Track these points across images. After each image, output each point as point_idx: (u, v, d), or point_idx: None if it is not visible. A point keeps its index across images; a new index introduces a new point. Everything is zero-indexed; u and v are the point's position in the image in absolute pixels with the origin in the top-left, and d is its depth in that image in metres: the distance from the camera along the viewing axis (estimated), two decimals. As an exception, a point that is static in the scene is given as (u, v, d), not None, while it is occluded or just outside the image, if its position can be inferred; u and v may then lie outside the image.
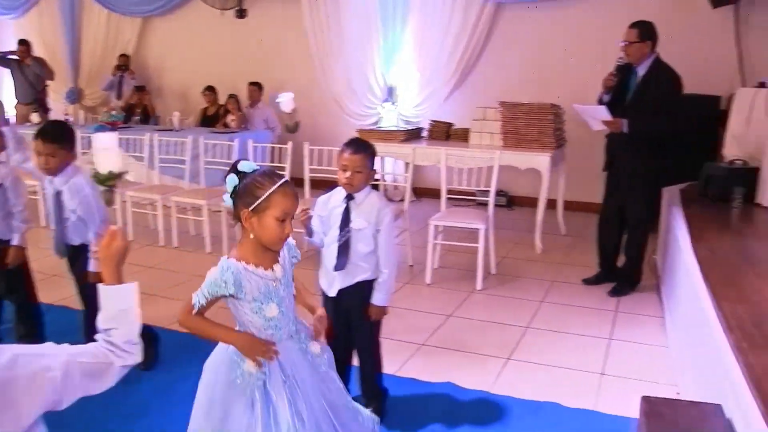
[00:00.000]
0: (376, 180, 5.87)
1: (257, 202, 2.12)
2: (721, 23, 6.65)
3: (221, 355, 2.29)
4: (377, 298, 3.03)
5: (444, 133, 6.85)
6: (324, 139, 6.59)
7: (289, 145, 5.90)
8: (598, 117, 4.76)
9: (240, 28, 9.00)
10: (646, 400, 2.54)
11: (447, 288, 5.06)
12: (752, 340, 2.54)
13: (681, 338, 3.73)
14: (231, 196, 2.18)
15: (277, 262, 2.25)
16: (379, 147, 5.63)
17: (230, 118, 8.36)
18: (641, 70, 4.69)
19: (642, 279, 5.00)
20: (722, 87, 6.32)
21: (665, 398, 2.75)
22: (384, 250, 3.00)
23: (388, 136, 6.75)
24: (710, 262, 3.52)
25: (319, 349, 2.38)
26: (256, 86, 8.52)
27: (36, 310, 3.91)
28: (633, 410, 2.62)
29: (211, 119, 8.72)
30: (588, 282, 5.10)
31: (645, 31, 4.63)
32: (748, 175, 4.89)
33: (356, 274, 3.00)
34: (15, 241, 3.67)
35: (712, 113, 6.20)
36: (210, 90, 8.83)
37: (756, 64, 6.36)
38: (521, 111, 6.18)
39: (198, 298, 2.18)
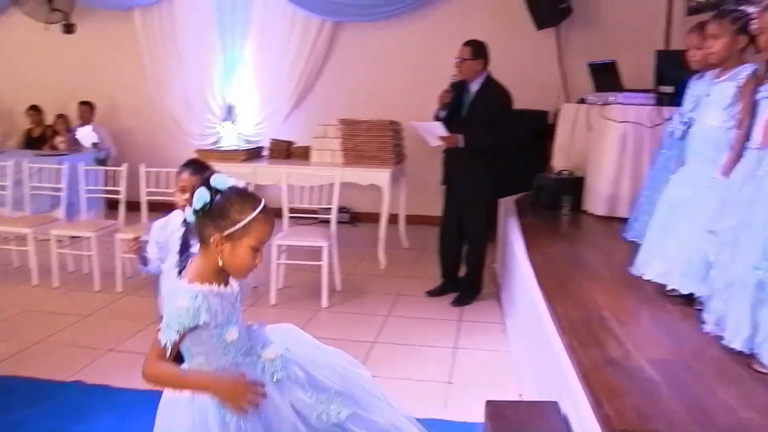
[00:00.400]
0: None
1: (234, 228, 1.89)
2: (545, 44, 7.10)
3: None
4: None
5: (285, 151, 6.79)
6: (161, 160, 6.31)
7: (124, 168, 5.60)
8: (435, 133, 4.89)
9: (68, 44, 8.43)
10: (490, 404, 2.60)
11: (293, 307, 4.98)
12: (582, 338, 2.67)
13: (521, 342, 3.87)
14: (197, 214, 1.92)
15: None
16: (219, 167, 5.49)
17: (58, 140, 7.83)
18: (474, 87, 4.87)
19: (483, 287, 5.15)
20: (549, 103, 6.74)
21: (508, 401, 2.83)
22: (227, 273, 2.88)
23: (228, 155, 6.59)
24: (543, 267, 3.69)
25: (273, 352, 2.09)
26: (87, 106, 8.00)
27: None
28: (480, 415, 2.67)
29: (37, 141, 8.11)
30: (431, 294, 5.19)
31: (477, 50, 4.83)
32: (574, 184, 5.21)
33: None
34: None
35: (540, 127, 6.58)
36: (34, 110, 8.20)
37: (577, 82, 6.82)
38: (361, 128, 6.25)
39: (167, 337, 1.87)
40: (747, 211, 2.60)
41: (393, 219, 6.37)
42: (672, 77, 4.89)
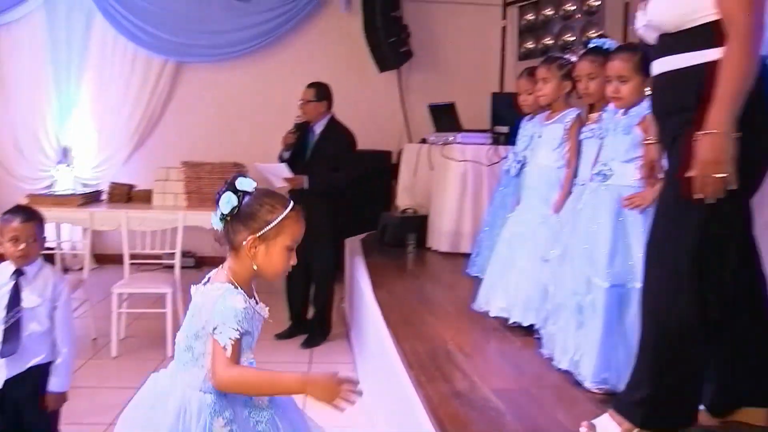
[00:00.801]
0: (50, 249, 5.36)
1: (267, 228, 1.81)
2: (388, 86, 7.31)
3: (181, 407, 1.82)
4: (56, 384, 2.67)
5: (125, 195, 6.47)
6: (-15, 206, 5.84)
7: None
8: (280, 175, 4.87)
9: None
10: (340, 446, 2.57)
11: (136, 358, 4.71)
12: (429, 373, 2.71)
13: (371, 380, 3.87)
14: (224, 219, 1.82)
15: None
16: (54, 213, 5.22)
17: None
18: (318, 129, 4.92)
19: (332, 328, 5.13)
20: (392, 143, 6.91)
21: (359, 441, 2.82)
22: (62, 328, 2.68)
23: (64, 200, 6.19)
24: (389, 305, 3.74)
25: (264, 401, 1.92)
26: None
27: None
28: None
29: None
30: (280, 337, 5.10)
31: (321, 92, 4.88)
32: (418, 222, 5.35)
33: (28, 359, 2.62)
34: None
35: (384, 167, 6.71)
36: None
37: (418, 122, 7.06)
38: (204, 170, 6.09)
39: (227, 336, 1.73)
40: (570, 241, 2.80)
41: (240, 262, 6.22)
42: (507, 118, 5.20)
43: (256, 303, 1.89)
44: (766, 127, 1.96)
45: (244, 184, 1.85)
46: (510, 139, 4.80)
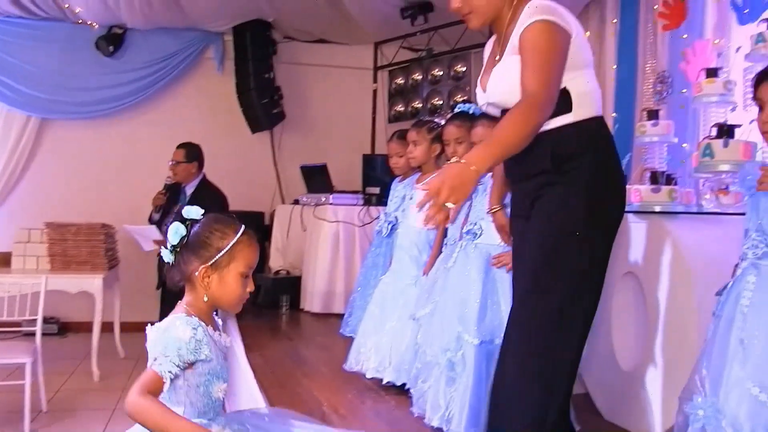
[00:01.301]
0: None
1: (219, 256, 1.77)
2: (260, 147, 7.35)
3: None
4: None
5: (-19, 257, 6.14)
6: None
7: None
8: (149, 237, 4.79)
9: None
10: None
11: (-12, 436, 4.42)
12: None
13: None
14: (174, 250, 1.78)
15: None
16: None
17: None
18: (189, 190, 4.90)
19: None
20: (265, 204, 6.93)
21: None
22: None
23: None
24: (263, 367, 3.73)
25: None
26: None
27: None
28: None
29: None
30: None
31: (191, 152, 4.88)
32: (291, 283, 5.38)
33: None
34: None
35: (258, 228, 6.70)
36: None
37: (291, 183, 7.13)
38: (70, 232, 5.87)
39: (166, 368, 1.65)
40: (440, 298, 2.92)
41: (107, 327, 5.98)
42: (378, 179, 5.37)
43: (217, 332, 1.88)
44: (611, 194, 2.19)
45: (191, 212, 1.82)
46: (382, 200, 4.96)
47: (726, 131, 2.99)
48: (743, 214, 2.09)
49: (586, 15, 5.97)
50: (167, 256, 1.84)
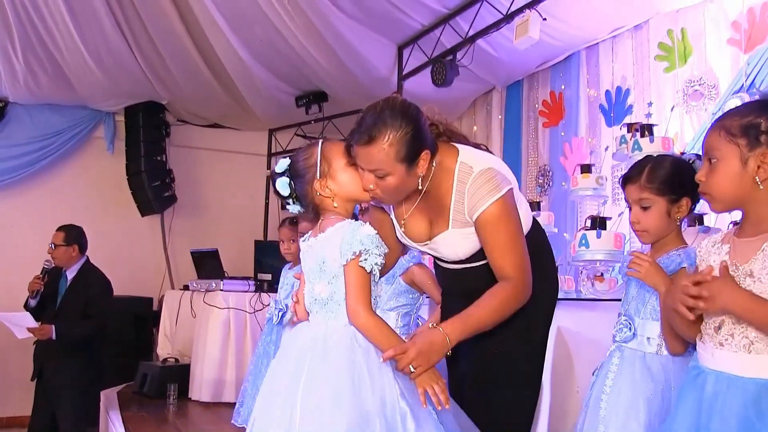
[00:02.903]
0: None
1: (318, 167, 1.94)
2: (150, 230, 7.19)
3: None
4: None
5: None
6: None
7: None
8: (23, 324, 4.54)
9: None
10: None
11: None
12: None
13: None
14: (293, 196, 1.99)
15: None
16: None
17: None
18: (70, 274, 4.70)
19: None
20: (154, 289, 6.72)
21: None
22: None
23: None
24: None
25: None
26: None
27: None
28: None
29: None
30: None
31: (72, 235, 4.70)
32: (180, 371, 5.20)
33: None
34: None
35: (145, 314, 6.48)
36: None
37: (180, 268, 6.98)
38: (-64, 316, 5.49)
39: (372, 261, 1.85)
40: None
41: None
42: (270, 265, 5.35)
43: None
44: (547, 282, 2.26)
45: (280, 165, 2.01)
46: (273, 286, 4.93)
47: (599, 223, 3.21)
48: (618, 299, 2.24)
49: (473, 110, 6.34)
50: (295, 207, 2.03)
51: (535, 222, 2.32)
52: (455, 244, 2.15)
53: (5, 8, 5.26)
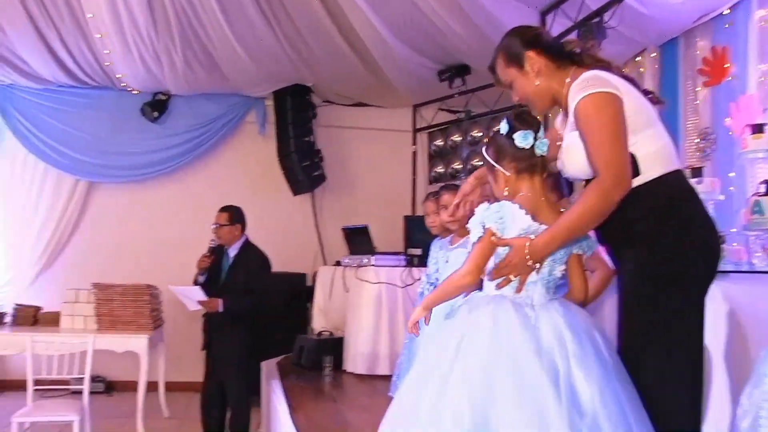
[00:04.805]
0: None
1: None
2: (302, 208, 7.45)
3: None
4: None
5: (31, 317, 6.25)
6: None
7: None
8: (194, 298, 4.84)
9: None
10: None
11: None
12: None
13: None
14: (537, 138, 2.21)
15: None
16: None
17: None
18: (233, 252, 4.96)
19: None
20: (307, 265, 6.97)
21: None
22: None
23: (-37, 323, 5.93)
24: (308, 429, 3.70)
25: None
26: None
27: None
28: None
29: None
30: (195, 462, 4.93)
31: (234, 215, 4.95)
32: (335, 344, 5.36)
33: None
34: None
35: (300, 290, 6.74)
36: None
37: (332, 245, 7.18)
38: (116, 292, 5.98)
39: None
40: None
41: (152, 386, 6.02)
42: (420, 240, 5.37)
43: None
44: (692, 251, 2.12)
45: (510, 118, 2.23)
46: (424, 261, 4.95)
47: (775, 188, 2.96)
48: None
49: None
50: (542, 149, 2.22)
51: (677, 175, 2.20)
52: (566, 152, 2.25)
53: (167, 12, 5.67)
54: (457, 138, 7.19)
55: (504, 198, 2.22)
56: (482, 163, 2.44)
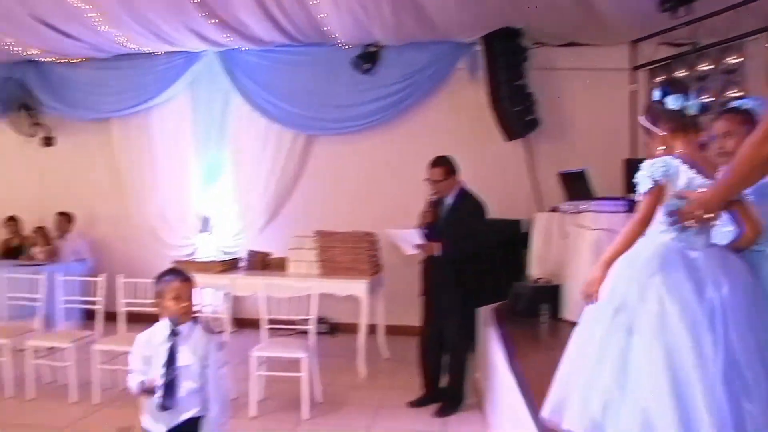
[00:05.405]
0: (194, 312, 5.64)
1: None
2: (515, 155, 7.32)
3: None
4: None
5: (261, 262, 6.80)
6: (138, 270, 6.22)
7: (102, 278, 5.54)
8: (411, 241, 4.95)
9: (48, 156, 8.54)
10: None
11: (273, 420, 4.86)
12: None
13: (507, 455, 3.79)
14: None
15: None
16: (197, 278, 5.50)
17: (37, 250, 7.80)
18: (449, 199, 5.00)
19: (466, 398, 5.09)
20: (522, 212, 6.83)
21: None
22: (213, 386, 2.84)
23: (206, 266, 6.58)
24: (525, 377, 3.67)
25: None
26: (65, 217, 8.03)
27: None
28: None
29: (15, 251, 8.05)
30: (413, 404, 5.11)
31: (449, 168, 4.96)
32: (552, 291, 5.25)
33: (183, 412, 2.80)
34: None
35: (515, 236, 6.65)
36: (12, 220, 8.20)
37: (548, 191, 6.99)
38: (336, 240, 6.31)
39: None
40: None
41: (372, 329, 6.33)
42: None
43: None
44: None
45: (663, 86, 2.52)
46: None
47: None
48: None
49: None
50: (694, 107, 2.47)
51: None
52: None
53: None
54: (681, 74, 6.63)
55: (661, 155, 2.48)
56: (713, 99, 2.47)
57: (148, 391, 2.76)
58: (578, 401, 2.37)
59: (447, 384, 5.08)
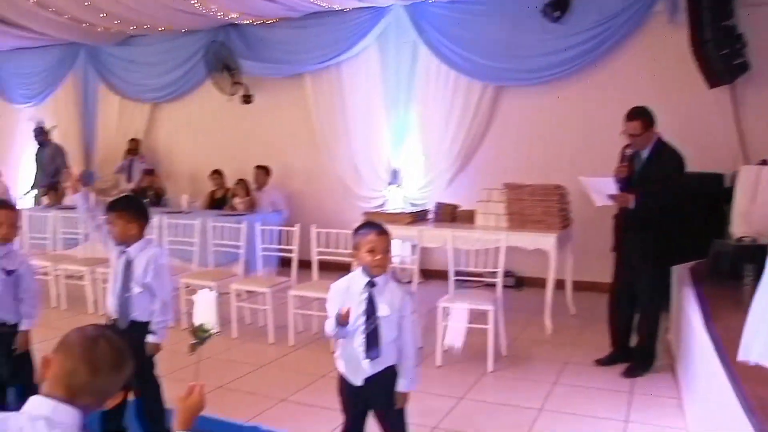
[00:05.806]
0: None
1: None
2: (718, 103, 6.77)
3: None
4: (404, 384, 2.94)
5: (450, 214, 6.89)
6: (328, 221, 6.61)
7: (297, 228, 5.93)
8: (605, 191, 4.79)
9: (246, 113, 9.21)
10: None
11: (458, 370, 5.00)
12: (777, 422, 2.48)
13: (701, 421, 3.65)
14: None
15: None
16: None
17: (237, 201, 8.47)
18: (645, 152, 4.76)
19: (656, 359, 4.92)
20: (724, 165, 6.35)
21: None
22: (409, 336, 2.94)
23: (395, 218, 6.78)
24: (726, 341, 3.48)
25: None
26: (263, 170, 8.66)
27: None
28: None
29: (219, 202, 8.82)
30: (601, 363, 5.02)
31: (647, 121, 4.70)
32: (757, 252, 4.88)
33: (384, 361, 2.91)
34: (24, 327, 3.65)
35: (716, 191, 6.21)
36: (217, 173, 8.97)
37: (756, 142, 6.45)
38: (525, 192, 6.24)
39: None
40: None
41: (559, 284, 6.25)
42: None
43: None
44: None
45: None
46: None
47: None
48: None
49: None
50: None
51: None
52: None
53: None
54: None
55: None
56: None
57: (343, 321, 2.82)
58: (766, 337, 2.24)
59: (637, 343, 4.94)
